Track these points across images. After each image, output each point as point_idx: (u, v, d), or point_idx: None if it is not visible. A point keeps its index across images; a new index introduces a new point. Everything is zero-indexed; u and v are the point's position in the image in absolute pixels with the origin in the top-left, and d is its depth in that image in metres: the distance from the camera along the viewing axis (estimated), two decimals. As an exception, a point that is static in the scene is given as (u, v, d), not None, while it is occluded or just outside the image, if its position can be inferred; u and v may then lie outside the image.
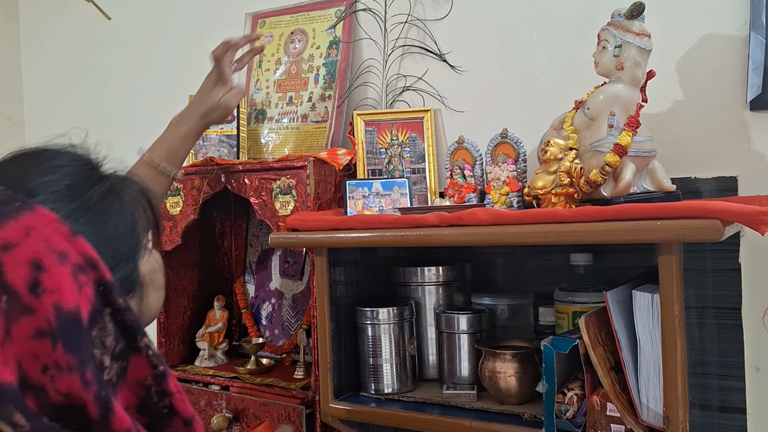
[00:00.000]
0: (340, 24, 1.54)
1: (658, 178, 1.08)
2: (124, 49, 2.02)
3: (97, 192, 0.66)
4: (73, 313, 0.56)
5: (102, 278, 0.60)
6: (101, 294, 0.60)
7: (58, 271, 0.56)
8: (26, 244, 0.56)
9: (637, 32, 1.04)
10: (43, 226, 0.58)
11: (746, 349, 1.14)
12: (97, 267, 0.60)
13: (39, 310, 0.55)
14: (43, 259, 0.56)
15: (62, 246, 0.58)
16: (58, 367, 0.55)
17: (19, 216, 0.57)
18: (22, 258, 0.56)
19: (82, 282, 0.58)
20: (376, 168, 1.42)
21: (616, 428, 0.92)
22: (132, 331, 0.62)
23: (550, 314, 1.20)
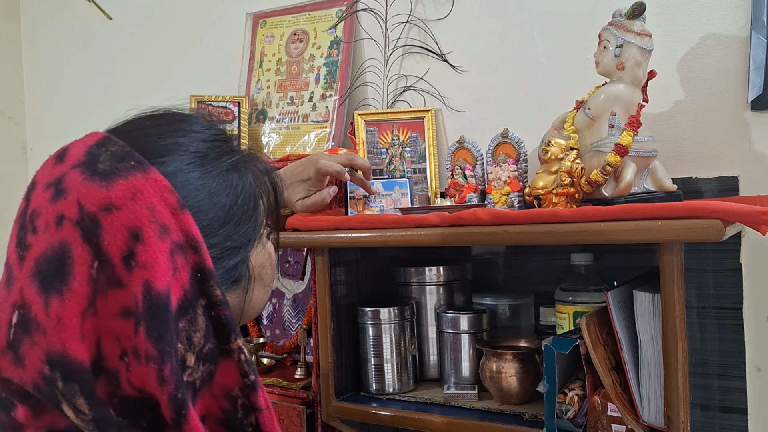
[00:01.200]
0: (340, 24, 1.54)
1: (659, 178, 1.08)
2: (124, 49, 2.02)
3: (224, 164, 0.61)
4: (163, 295, 0.50)
5: (201, 263, 0.53)
6: (198, 281, 0.53)
7: (156, 246, 0.51)
8: (129, 208, 0.51)
9: (638, 32, 1.04)
10: (151, 191, 0.52)
11: (747, 349, 1.14)
12: (198, 250, 0.53)
13: (129, 286, 0.49)
14: (143, 228, 0.50)
15: (166, 218, 0.52)
16: (136, 355, 0.49)
17: (129, 176, 0.52)
18: (122, 223, 0.50)
19: (179, 264, 0.52)
20: (377, 168, 1.41)
21: (617, 428, 0.92)
22: (225, 330, 0.55)
23: (551, 314, 1.20)
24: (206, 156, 0.60)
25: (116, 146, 0.55)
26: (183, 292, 0.52)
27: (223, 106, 1.54)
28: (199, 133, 0.61)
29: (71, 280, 0.49)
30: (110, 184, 0.51)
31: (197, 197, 0.57)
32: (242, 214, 0.61)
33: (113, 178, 0.52)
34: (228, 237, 0.59)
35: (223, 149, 0.62)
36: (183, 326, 0.52)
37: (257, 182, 0.64)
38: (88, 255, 0.49)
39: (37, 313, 0.49)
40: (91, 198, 0.51)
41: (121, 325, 0.49)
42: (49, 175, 0.55)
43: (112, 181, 0.51)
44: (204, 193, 0.58)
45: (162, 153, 0.57)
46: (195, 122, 0.63)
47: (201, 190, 0.57)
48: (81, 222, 0.50)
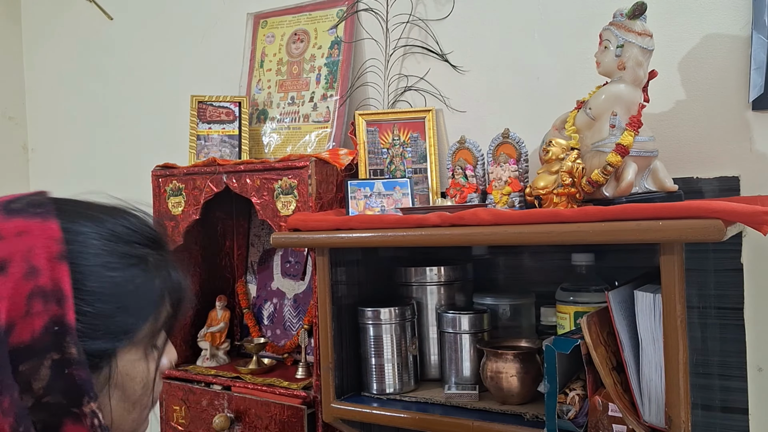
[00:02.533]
0: (341, 24, 1.54)
1: (660, 178, 1.08)
2: (125, 48, 2.02)
3: (136, 251, 0.60)
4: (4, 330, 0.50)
5: (62, 317, 0.52)
6: (53, 333, 0.52)
7: (15, 281, 0.51)
8: (11, 242, 0.53)
9: (639, 32, 1.04)
10: (39, 236, 0.54)
11: (748, 349, 1.14)
12: (62, 303, 0.52)
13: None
14: (12, 263, 0.52)
15: (40, 263, 0.52)
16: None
17: (28, 217, 0.54)
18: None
19: (36, 309, 0.51)
20: (378, 168, 1.41)
21: (618, 428, 0.92)
22: (78, 391, 0.52)
23: (552, 314, 1.20)
24: (120, 238, 0.60)
25: (42, 198, 0.58)
26: (30, 338, 0.51)
27: (224, 107, 1.54)
28: (128, 221, 0.62)
29: None
30: (9, 219, 0.54)
31: (90, 263, 0.56)
32: (130, 303, 0.58)
33: (15, 216, 0.55)
34: (103, 314, 0.56)
35: (144, 243, 0.62)
36: (23, 369, 0.51)
37: (162, 289, 0.62)
38: None
39: None
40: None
41: None
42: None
43: (11, 217, 0.54)
44: (99, 261, 0.57)
45: (80, 218, 0.58)
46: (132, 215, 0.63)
47: (97, 256, 0.57)
48: None
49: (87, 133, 2.11)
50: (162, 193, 1.48)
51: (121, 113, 2.03)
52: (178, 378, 1.45)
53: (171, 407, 1.46)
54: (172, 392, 1.45)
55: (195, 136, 1.53)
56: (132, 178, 1.90)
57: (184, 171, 1.45)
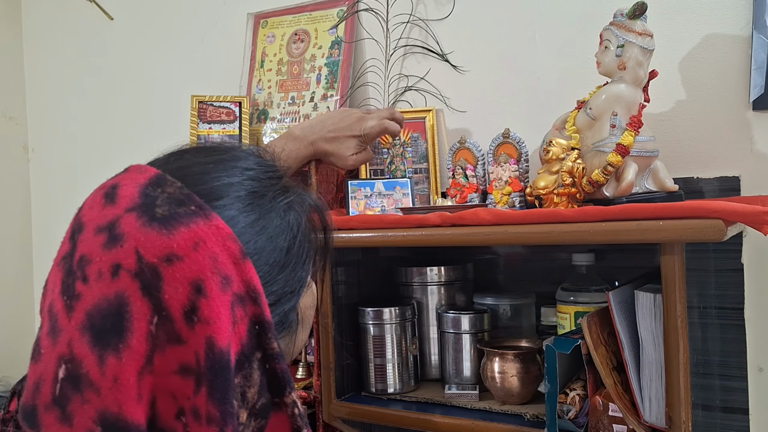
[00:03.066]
0: (342, 24, 1.54)
1: (660, 178, 1.08)
2: (126, 48, 2.02)
3: (280, 204, 0.58)
4: (225, 353, 0.47)
5: (260, 315, 0.51)
6: (255, 334, 0.50)
7: (219, 299, 0.48)
8: (192, 259, 0.47)
9: (640, 32, 1.04)
10: (214, 240, 0.49)
11: (749, 349, 1.14)
12: (258, 301, 0.51)
13: (189, 342, 0.46)
14: (206, 281, 0.47)
15: (228, 269, 0.49)
16: (196, 415, 0.46)
17: (191, 222, 0.49)
18: (183, 275, 0.47)
19: (238, 316, 0.49)
20: (378, 168, 1.41)
21: (619, 428, 0.92)
22: (280, 384, 0.52)
23: (552, 314, 1.20)
24: (263, 196, 0.57)
25: (173, 187, 0.52)
26: (240, 346, 0.49)
27: (224, 107, 1.54)
28: (253, 171, 0.58)
29: (129, 337, 0.46)
30: (171, 232, 0.48)
31: (257, 242, 0.54)
32: (298, 258, 0.58)
33: (174, 225, 0.48)
34: (285, 283, 0.56)
35: (277, 188, 0.59)
36: (239, 382, 0.49)
37: (309, 221, 0.61)
38: (148, 310, 0.46)
39: (89, 370, 0.46)
40: (151, 247, 0.47)
41: (179, 382, 0.46)
42: (99, 217, 0.51)
43: (172, 228, 0.48)
44: (264, 237, 0.55)
45: (219, 195, 0.54)
46: (246, 158, 0.59)
47: (261, 234, 0.55)
48: (140, 273, 0.47)
49: (87, 133, 2.11)
50: (162, 193, 1.48)
51: (122, 113, 2.03)
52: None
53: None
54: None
55: (195, 136, 1.53)
56: (132, 178, 1.90)
57: None
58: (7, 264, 2.14)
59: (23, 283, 2.16)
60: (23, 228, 2.17)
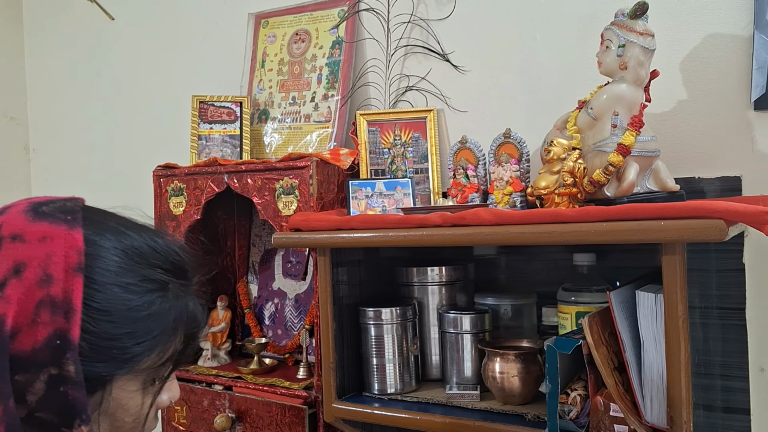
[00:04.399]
0: (343, 24, 1.54)
1: (661, 178, 1.07)
2: (127, 49, 2.02)
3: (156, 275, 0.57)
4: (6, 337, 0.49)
5: (66, 332, 0.50)
6: (53, 348, 0.50)
7: (28, 287, 0.50)
8: (32, 246, 0.51)
9: (641, 32, 1.04)
10: (61, 244, 0.52)
11: (750, 349, 1.14)
12: (69, 317, 0.50)
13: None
14: (27, 268, 0.50)
15: (56, 272, 0.51)
16: None
17: (55, 223, 0.53)
18: (15, 254, 0.51)
19: (43, 319, 0.50)
20: (379, 168, 1.41)
21: (620, 428, 0.92)
22: (70, 412, 0.50)
23: (554, 314, 1.20)
24: (143, 258, 0.57)
25: (74, 205, 0.56)
26: (31, 348, 0.49)
27: (225, 107, 1.54)
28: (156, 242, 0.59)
29: None
30: (35, 222, 0.53)
31: (107, 278, 0.54)
32: (139, 330, 0.55)
33: (42, 219, 0.53)
34: (109, 336, 0.53)
35: (167, 268, 0.59)
36: (19, 379, 0.49)
37: (177, 321, 0.59)
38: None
39: None
40: (11, 226, 0.53)
41: None
42: None
43: (39, 220, 0.53)
44: (116, 280, 0.54)
45: (107, 231, 0.56)
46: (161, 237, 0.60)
47: (116, 274, 0.54)
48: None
49: (88, 133, 2.12)
50: (163, 193, 1.48)
51: (123, 113, 2.03)
52: (179, 378, 1.45)
53: (172, 407, 1.46)
54: (174, 392, 1.45)
55: (196, 136, 1.53)
56: (133, 178, 1.90)
57: (185, 171, 1.45)
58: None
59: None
60: (24, 228, 2.16)
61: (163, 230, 0.64)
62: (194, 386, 1.42)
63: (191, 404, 1.42)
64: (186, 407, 1.43)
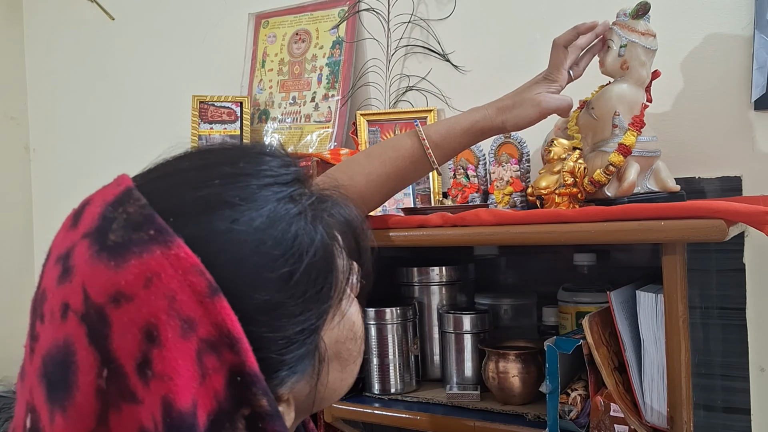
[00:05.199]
0: (343, 24, 1.54)
1: (662, 178, 1.07)
2: (127, 49, 2.02)
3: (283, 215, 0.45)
4: (187, 416, 0.38)
5: (241, 365, 0.40)
6: (237, 387, 0.40)
7: (177, 349, 0.39)
8: (142, 299, 0.39)
9: (643, 32, 1.04)
10: (172, 274, 0.39)
11: (750, 349, 1.14)
12: (236, 348, 0.40)
13: (145, 402, 0.38)
14: (160, 326, 0.38)
15: (191, 310, 0.39)
16: None
17: (144, 252, 0.40)
18: (133, 320, 0.39)
19: (210, 367, 0.40)
20: (380, 168, 1.41)
21: (620, 429, 0.92)
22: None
23: (554, 314, 1.20)
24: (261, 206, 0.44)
25: (134, 206, 0.42)
26: (217, 404, 0.40)
27: (226, 107, 1.54)
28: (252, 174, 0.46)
29: (75, 394, 0.39)
30: (120, 265, 0.39)
31: (244, 271, 0.42)
32: (306, 286, 0.45)
33: (125, 256, 0.40)
34: (283, 323, 0.44)
35: (285, 194, 0.46)
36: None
37: (330, 237, 0.48)
38: (95, 361, 0.38)
39: (44, 426, 0.40)
40: (98, 283, 0.39)
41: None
42: (61, 243, 0.43)
43: (122, 259, 0.39)
44: (254, 262, 0.43)
45: (197, 210, 0.43)
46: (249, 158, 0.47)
47: (251, 256, 0.43)
48: (86, 316, 0.39)
49: (88, 133, 2.12)
50: (163, 193, 1.48)
51: (123, 113, 2.03)
52: None
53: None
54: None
55: (196, 136, 1.53)
56: (133, 178, 1.90)
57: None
58: (8, 264, 2.14)
59: (24, 283, 2.16)
60: (24, 228, 2.17)
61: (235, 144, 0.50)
62: (194, 386, 1.42)
63: (191, 404, 1.42)
64: (186, 407, 1.43)
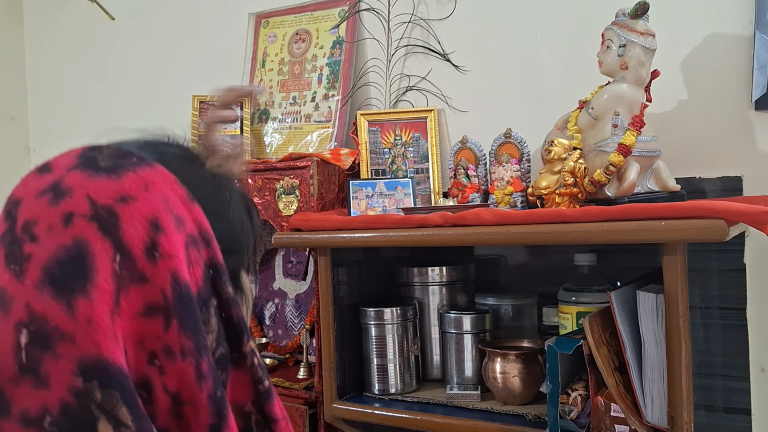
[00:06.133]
0: (343, 24, 1.54)
1: (662, 177, 1.07)
2: (127, 49, 2.02)
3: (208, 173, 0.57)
4: (189, 286, 0.46)
5: (214, 258, 0.49)
6: (210, 278, 0.49)
7: (176, 236, 0.47)
8: (145, 198, 0.47)
9: (642, 31, 1.04)
10: (162, 183, 0.49)
11: (751, 349, 1.14)
12: (211, 244, 0.50)
13: (153, 279, 0.45)
14: (161, 218, 0.47)
15: (180, 210, 0.48)
16: (170, 353, 0.45)
17: (137, 169, 0.49)
18: (141, 213, 0.46)
19: (194, 258, 0.48)
20: (380, 168, 1.41)
21: (620, 429, 0.92)
22: (237, 332, 0.50)
23: (554, 314, 1.19)
24: (194, 162, 0.57)
25: (111, 148, 0.52)
26: (197, 289, 0.48)
27: (226, 106, 1.54)
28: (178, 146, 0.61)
29: (96, 277, 0.44)
30: (120, 177, 0.47)
31: (200, 191, 0.52)
32: (235, 220, 0.56)
33: (121, 172, 0.48)
34: (228, 238, 0.54)
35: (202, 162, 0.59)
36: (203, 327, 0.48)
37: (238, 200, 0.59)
38: (110, 248, 0.44)
39: (57, 323, 0.43)
40: (103, 191, 0.46)
41: (147, 324, 0.44)
42: (37, 185, 0.49)
43: (120, 174, 0.48)
44: (205, 190, 0.54)
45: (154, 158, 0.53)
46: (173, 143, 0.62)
47: (200, 186, 0.54)
48: (96, 215, 0.45)
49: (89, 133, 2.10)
50: (164, 193, 1.48)
51: (123, 113, 2.03)
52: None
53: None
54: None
55: (197, 136, 1.53)
56: (134, 178, 1.90)
57: None
58: (9, 264, 2.14)
59: (25, 283, 2.16)
60: (25, 228, 2.16)
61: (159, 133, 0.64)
62: (195, 386, 1.42)
63: (192, 404, 1.42)
64: (186, 407, 1.43)
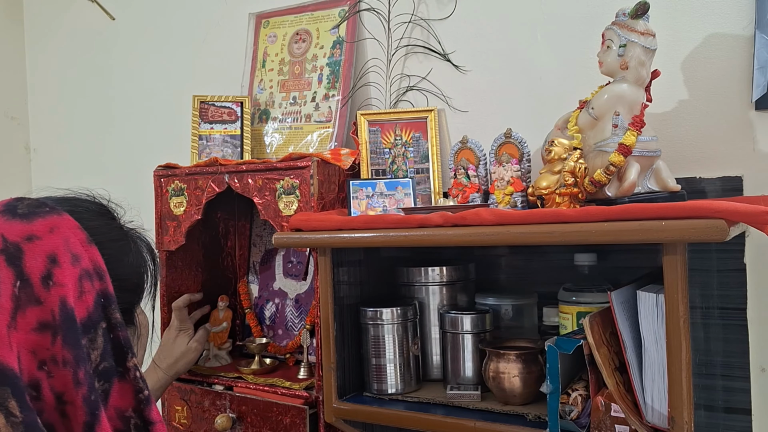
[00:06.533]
0: (343, 24, 1.54)
1: (662, 177, 1.07)
2: (127, 49, 2.02)
3: (116, 225, 0.72)
4: (72, 310, 0.58)
5: (105, 289, 0.62)
6: (101, 305, 0.61)
7: (69, 270, 0.59)
8: (48, 238, 0.59)
9: (642, 31, 1.04)
10: (65, 227, 0.61)
11: (751, 349, 1.14)
12: (104, 278, 0.62)
13: (46, 302, 0.57)
14: (60, 255, 0.59)
15: (78, 249, 0.61)
16: (55, 362, 0.56)
17: (47, 215, 0.61)
18: (42, 250, 0.58)
19: (86, 288, 0.60)
20: (380, 168, 1.41)
21: (621, 429, 0.92)
22: (122, 351, 0.62)
23: (555, 314, 1.20)
24: (104, 215, 0.71)
25: (31, 200, 0.64)
26: (87, 314, 0.60)
27: (226, 107, 1.54)
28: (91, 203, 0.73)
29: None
30: (31, 221, 0.60)
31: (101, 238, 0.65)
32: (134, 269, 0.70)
33: (33, 218, 0.60)
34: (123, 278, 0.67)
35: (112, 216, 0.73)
36: (85, 343, 0.59)
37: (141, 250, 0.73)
38: (12, 275, 0.56)
39: None
40: (14, 231, 0.59)
41: (38, 338, 0.56)
42: None
43: (32, 219, 0.60)
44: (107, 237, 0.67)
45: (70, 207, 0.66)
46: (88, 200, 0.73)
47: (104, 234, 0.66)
48: (5, 250, 0.57)
49: (89, 134, 2.12)
50: (164, 193, 1.48)
51: (123, 113, 2.03)
52: (179, 378, 1.45)
53: (173, 407, 1.46)
54: (174, 392, 1.45)
55: (197, 136, 1.53)
56: (134, 178, 1.90)
57: (186, 171, 1.45)
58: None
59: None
60: (25, 228, 2.16)
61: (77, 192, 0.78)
62: (195, 386, 1.42)
63: (192, 404, 1.42)
64: (187, 407, 1.43)
